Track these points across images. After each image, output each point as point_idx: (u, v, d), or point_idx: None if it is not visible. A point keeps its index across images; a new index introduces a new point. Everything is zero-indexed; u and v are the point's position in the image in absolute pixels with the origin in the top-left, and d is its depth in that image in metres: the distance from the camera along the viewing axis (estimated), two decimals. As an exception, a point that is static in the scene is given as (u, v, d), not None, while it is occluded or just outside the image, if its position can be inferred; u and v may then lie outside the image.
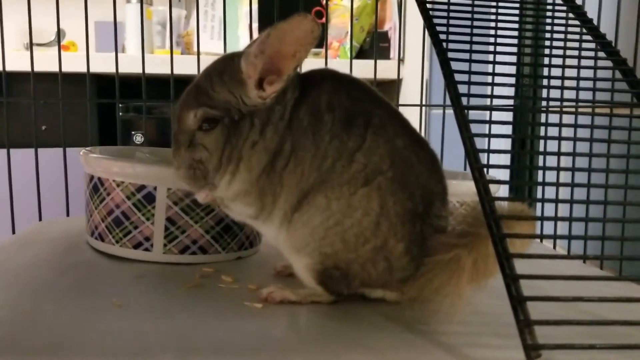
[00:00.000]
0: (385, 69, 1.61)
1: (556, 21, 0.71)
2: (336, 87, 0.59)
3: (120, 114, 1.69)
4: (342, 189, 0.56)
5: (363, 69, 1.31)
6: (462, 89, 0.57)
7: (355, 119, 0.57)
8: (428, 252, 0.55)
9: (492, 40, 0.65)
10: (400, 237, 0.56)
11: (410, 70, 1.65)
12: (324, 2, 1.68)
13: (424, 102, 1.17)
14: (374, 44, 1.36)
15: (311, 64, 0.62)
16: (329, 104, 0.58)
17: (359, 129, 0.57)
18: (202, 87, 0.58)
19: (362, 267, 0.57)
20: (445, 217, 0.59)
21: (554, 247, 0.99)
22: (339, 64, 1.62)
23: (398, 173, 0.56)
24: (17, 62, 1.16)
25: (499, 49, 0.64)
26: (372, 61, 1.15)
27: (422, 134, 1.24)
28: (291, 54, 0.56)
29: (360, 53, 1.81)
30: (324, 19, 1.69)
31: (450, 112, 0.60)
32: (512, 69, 1.03)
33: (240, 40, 1.80)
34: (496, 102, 0.67)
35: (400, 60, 1.66)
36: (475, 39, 0.65)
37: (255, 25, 1.70)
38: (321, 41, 1.72)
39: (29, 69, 0.98)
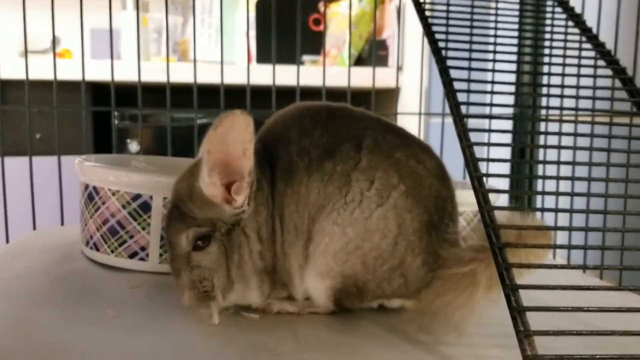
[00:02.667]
0: (384, 77, 1.60)
1: (555, 29, 0.71)
2: (307, 128, 0.59)
3: (116, 122, 1.68)
4: (354, 213, 0.55)
5: (361, 77, 1.30)
6: (462, 97, 0.57)
7: (339, 147, 0.57)
8: (445, 264, 0.55)
9: (491, 48, 0.64)
10: (417, 252, 0.56)
11: (409, 78, 1.65)
12: (322, 9, 1.68)
13: (422, 111, 1.17)
14: (373, 52, 1.36)
15: (309, 71, 0.62)
16: (300, 152, 0.57)
17: (345, 154, 0.57)
18: (181, 209, 0.56)
19: (378, 285, 0.57)
20: (456, 220, 0.59)
21: (554, 256, 0.99)
22: (337, 71, 1.62)
23: (410, 186, 0.56)
24: (11, 69, 1.15)
25: (498, 57, 0.64)
26: (371, 69, 1.15)
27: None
28: (241, 154, 0.54)
29: (359, 61, 1.81)
30: (322, 27, 1.69)
31: (449, 120, 0.60)
32: (512, 77, 1.02)
33: (237, 47, 1.80)
34: (495, 110, 0.67)
35: (399, 68, 1.65)
36: (474, 47, 0.65)
37: (252, 32, 1.70)
38: (319, 49, 1.72)
39: (23, 76, 0.97)
